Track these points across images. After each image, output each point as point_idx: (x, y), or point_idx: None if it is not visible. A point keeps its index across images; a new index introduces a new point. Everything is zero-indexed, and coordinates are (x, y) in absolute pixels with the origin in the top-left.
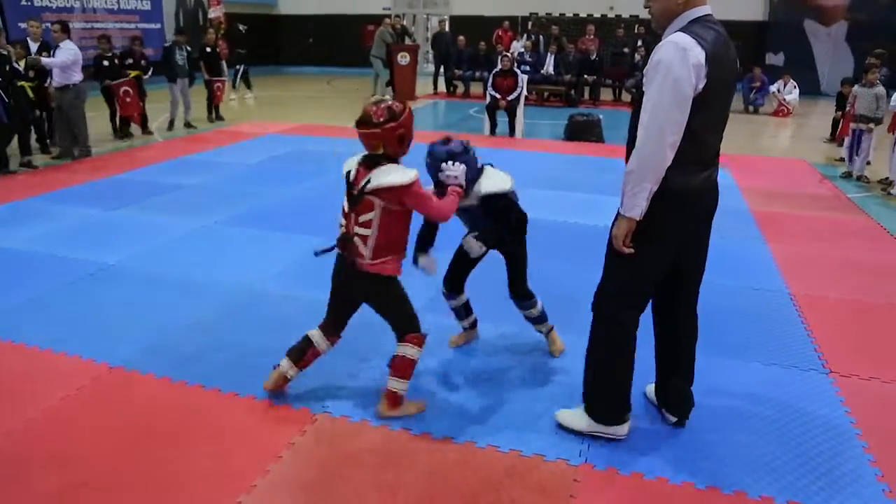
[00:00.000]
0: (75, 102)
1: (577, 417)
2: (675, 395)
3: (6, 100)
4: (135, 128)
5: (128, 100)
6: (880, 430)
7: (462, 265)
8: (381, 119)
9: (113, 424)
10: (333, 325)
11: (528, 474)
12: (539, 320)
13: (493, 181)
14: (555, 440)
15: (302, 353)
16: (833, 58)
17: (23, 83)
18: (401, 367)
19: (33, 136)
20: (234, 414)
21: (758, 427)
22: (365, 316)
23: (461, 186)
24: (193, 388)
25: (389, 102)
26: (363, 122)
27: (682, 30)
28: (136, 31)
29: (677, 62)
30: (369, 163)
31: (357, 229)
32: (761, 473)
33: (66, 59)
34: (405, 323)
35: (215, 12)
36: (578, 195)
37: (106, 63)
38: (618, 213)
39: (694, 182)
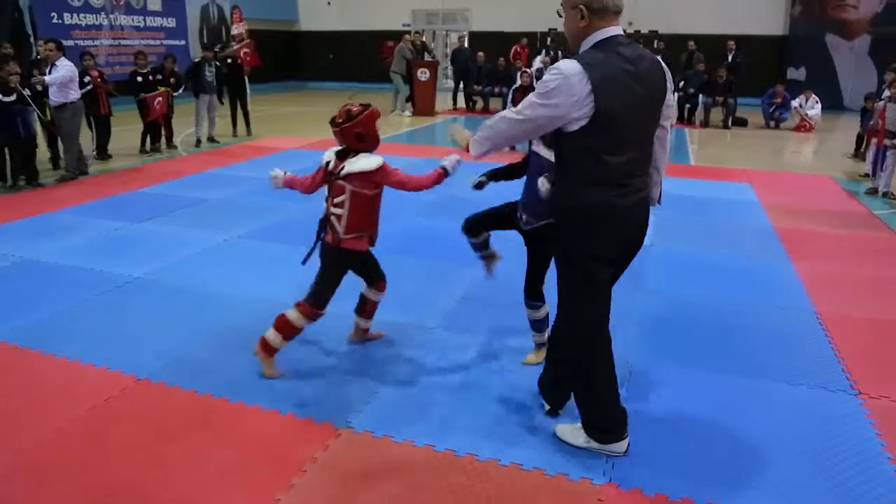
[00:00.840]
0: (72, 121)
1: (574, 432)
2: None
3: (41, 116)
4: (160, 143)
5: (156, 105)
6: None
7: (538, 269)
8: (341, 120)
9: (139, 435)
10: (320, 300)
11: (553, 493)
12: (542, 326)
13: None
14: (577, 458)
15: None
16: (856, 72)
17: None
18: (280, 325)
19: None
20: (258, 427)
21: (786, 449)
22: (386, 330)
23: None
24: (218, 401)
25: (351, 105)
26: (331, 122)
27: (584, 53)
28: (162, 48)
29: (551, 89)
30: (342, 154)
31: (332, 209)
32: (791, 496)
33: (64, 76)
34: (312, 291)
35: (238, 28)
36: None
37: (139, 79)
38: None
39: (595, 200)
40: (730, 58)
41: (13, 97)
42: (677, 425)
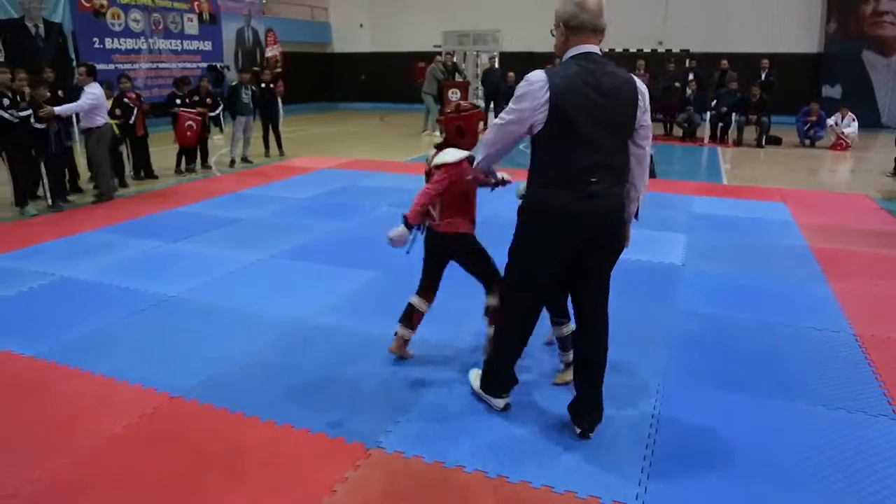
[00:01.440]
0: (98, 146)
1: (476, 376)
2: (587, 409)
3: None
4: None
5: (188, 133)
6: None
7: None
8: (448, 110)
9: (173, 453)
10: (429, 288)
11: None
12: (568, 344)
13: None
14: (610, 481)
15: (409, 318)
16: (893, 90)
17: (111, 121)
18: (496, 316)
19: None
20: (288, 446)
21: (825, 475)
22: (418, 348)
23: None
24: (250, 420)
25: (461, 101)
26: (439, 112)
27: (556, 64)
28: (198, 71)
29: (519, 96)
30: (439, 147)
31: None
32: None
33: (84, 105)
34: (490, 275)
35: (272, 51)
36: (632, 231)
37: (178, 101)
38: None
39: (550, 200)
40: (763, 76)
41: (28, 113)
42: (711, 449)
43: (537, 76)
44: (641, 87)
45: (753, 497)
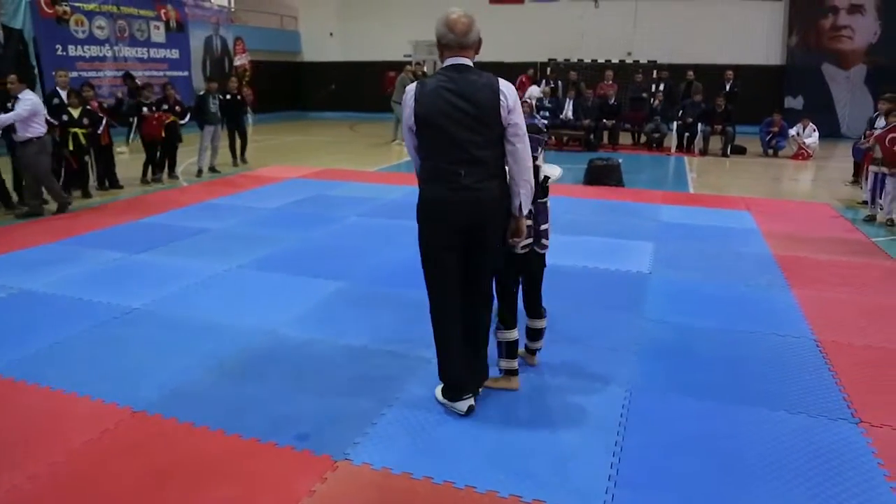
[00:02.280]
0: (38, 157)
1: (439, 389)
2: (476, 373)
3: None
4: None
5: (154, 123)
6: None
7: (534, 283)
8: None
9: (135, 468)
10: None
11: None
12: (540, 336)
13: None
14: (575, 488)
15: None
16: (852, 101)
17: (76, 129)
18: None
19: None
20: (254, 460)
21: (786, 479)
22: (383, 360)
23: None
24: (215, 433)
25: None
26: None
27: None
28: (165, 79)
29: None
30: None
31: None
32: None
33: (22, 113)
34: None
35: (241, 60)
36: (599, 240)
37: (144, 109)
38: None
39: (431, 193)
40: (728, 87)
41: None
42: (678, 456)
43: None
44: (505, 89)
45: (716, 500)
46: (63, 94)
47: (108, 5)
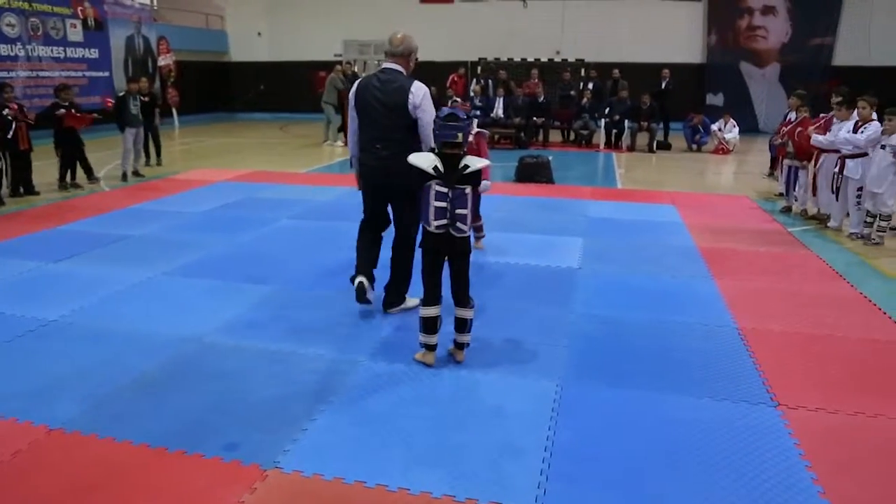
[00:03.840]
0: None
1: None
2: (392, 297)
3: None
4: (81, 178)
5: (75, 115)
6: (828, 460)
7: (458, 270)
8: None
9: (52, 489)
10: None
11: None
12: (465, 328)
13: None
14: (508, 484)
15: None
16: (768, 98)
17: None
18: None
19: None
20: (180, 474)
21: (711, 463)
22: (311, 364)
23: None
24: (138, 448)
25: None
26: None
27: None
28: (84, 80)
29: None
30: None
31: None
32: None
33: None
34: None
35: (165, 60)
36: (530, 236)
37: (63, 111)
38: None
39: (362, 158)
40: (663, 84)
41: None
42: (608, 445)
43: (358, 82)
44: (415, 90)
45: (649, 490)
46: None
47: (19, 1)
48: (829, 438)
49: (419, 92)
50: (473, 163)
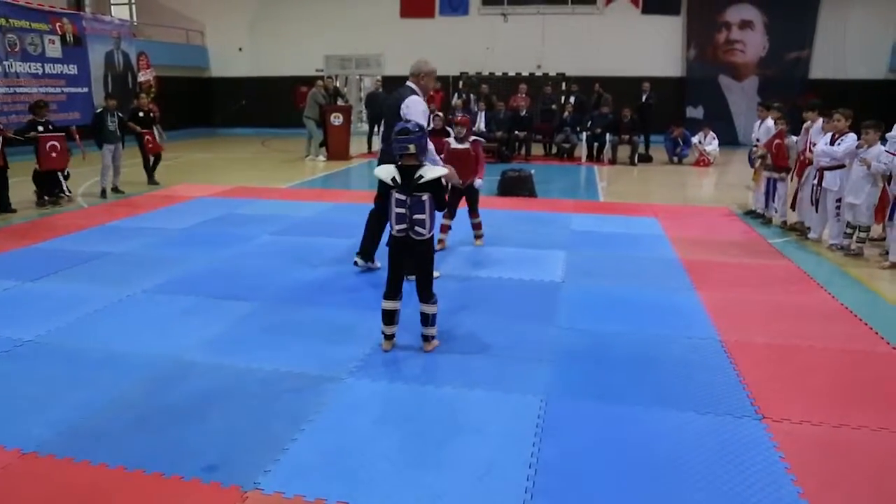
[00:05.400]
0: None
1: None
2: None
3: None
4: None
5: (53, 155)
6: (813, 474)
7: (420, 270)
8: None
9: None
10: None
11: None
12: (429, 322)
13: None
14: (494, 500)
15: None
16: (747, 110)
17: None
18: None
19: None
20: (158, 497)
21: (697, 478)
22: (291, 381)
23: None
24: (115, 471)
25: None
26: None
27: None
28: (63, 96)
29: None
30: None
31: None
32: None
33: None
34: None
35: (145, 76)
36: (513, 250)
37: (40, 128)
38: None
39: (384, 147)
40: (644, 98)
41: None
42: (593, 461)
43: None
44: (408, 101)
45: (632, 500)
46: None
47: None
48: (815, 451)
49: (410, 104)
50: (428, 172)
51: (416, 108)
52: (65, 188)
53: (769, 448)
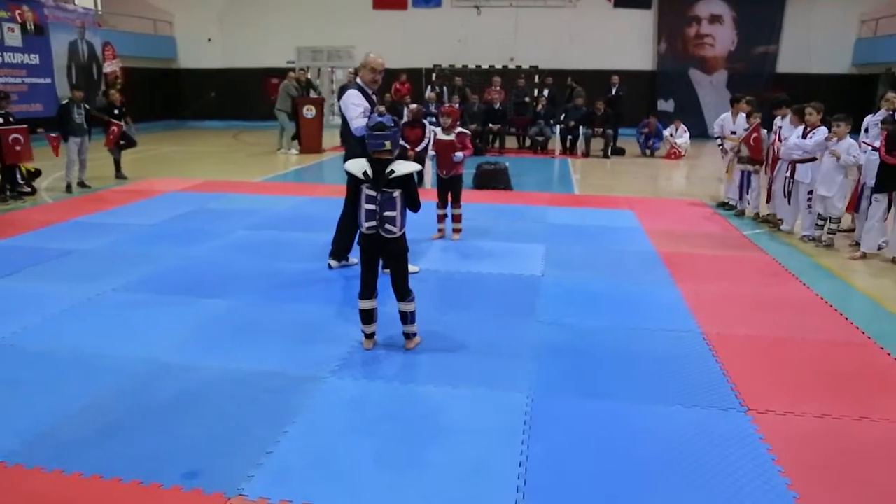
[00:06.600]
0: None
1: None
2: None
3: None
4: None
5: (17, 148)
6: (800, 464)
7: (394, 268)
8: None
9: None
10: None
11: None
12: (407, 319)
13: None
14: (474, 500)
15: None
16: (717, 103)
17: None
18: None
19: None
20: None
21: (685, 472)
22: (273, 381)
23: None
24: (89, 480)
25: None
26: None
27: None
28: (24, 86)
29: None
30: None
31: None
32: None
33: None
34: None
35: (111, 66)
36: (491, 244)
37: (1, 121)
38: None
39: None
40: (614, 91)
41: None
42: (582, 457)
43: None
44: (345, 95)
45: (620, 496)
46: None
47: None
48: (800, 442)
49: (345, 97)
50: (399, 168)
51: (346, 101)
52: (20, 181)
53: (755, 440)
